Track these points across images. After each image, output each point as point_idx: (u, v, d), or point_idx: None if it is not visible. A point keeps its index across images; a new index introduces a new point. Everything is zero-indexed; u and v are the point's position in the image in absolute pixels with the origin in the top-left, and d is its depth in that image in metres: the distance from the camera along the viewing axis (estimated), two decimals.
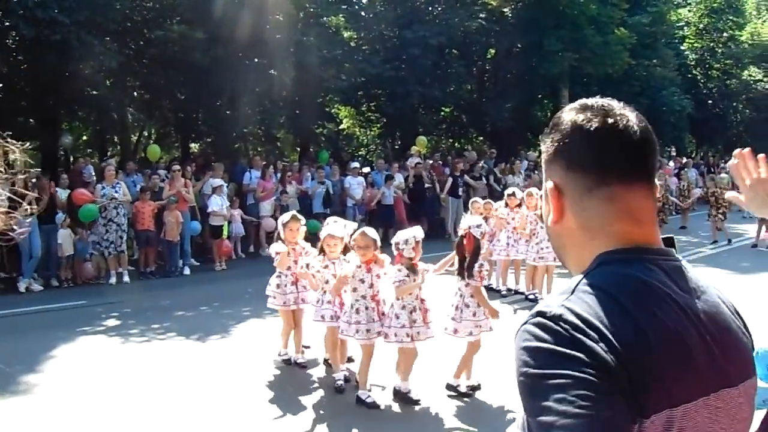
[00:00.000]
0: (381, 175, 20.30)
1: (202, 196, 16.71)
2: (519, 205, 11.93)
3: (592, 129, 1.44)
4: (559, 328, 1.28)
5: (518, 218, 11.76)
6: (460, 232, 7.22)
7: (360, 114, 29.16)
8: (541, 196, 11.22)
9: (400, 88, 23.53)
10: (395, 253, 6.79)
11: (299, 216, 8.09)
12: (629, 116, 1.46)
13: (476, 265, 6.98)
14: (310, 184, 19.08)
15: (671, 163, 28.65)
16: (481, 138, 31.41)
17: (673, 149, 34.60)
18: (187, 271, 15.46)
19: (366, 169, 22.42)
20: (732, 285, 11.09)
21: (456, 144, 31.39)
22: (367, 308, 6.86)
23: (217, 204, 15.94)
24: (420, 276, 6.81)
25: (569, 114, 1.50)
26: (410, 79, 23.64)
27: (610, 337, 1.26)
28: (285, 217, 8.12)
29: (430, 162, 22.03)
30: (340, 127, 30.35)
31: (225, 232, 16.31)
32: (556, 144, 1.51)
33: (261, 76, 20.46)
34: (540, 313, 1.32)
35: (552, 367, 1.24)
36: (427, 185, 20.49)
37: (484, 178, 21.55)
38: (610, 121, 1.44)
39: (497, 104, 26.38)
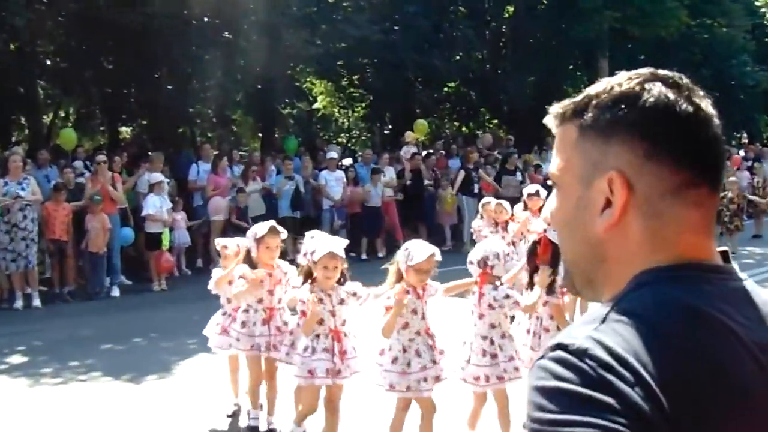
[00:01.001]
0: (367, 168, 20.33)
1: (136, 195, 16.76)
2: (542, 208, 11.91)
3: (690, 113, 1.44)
4: (584, 366, 1.26)
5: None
6: (532, 237, 7.25)
7: (339, 90, 29.25)
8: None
9: (392, 57, 23.58)
10: (477, 271, 6.75)
11: (280, 228, 7.48)
12: (707, 101, 1.49)
13: (558, 278, 7.04)
14: (274, 179, 19.12)
15: (741, 153, 28.79)
16: (496, 121, 31.54)
17: (745, 135, 34.63)
18: (116, 292, 15.44)
19: (347, 161, 22.38)
20: None
21: (463, 129, 31.50)
22: (427, 346, 6.60)
23: (155, 206, 15.91)
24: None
25: (654, 86, 1.46)
26: (404, 45, 23.68)
27: (649, 379, 1.25)
28: (260, 229, 7.39)
29: (432, 152, 22.12)
30: (314, 107, 30.41)
31: (165, 242, 16.28)
32: (629, 120, 1.45)
33: (212, 40, 20.48)
34: (560, 346, 1.31)
35: (573, 412, 1.23)
36: (426, 182, 20.56)
37: (519, 173, 21.61)
38: (702, 105, 1.47)
39: (516, 78, 26.51)
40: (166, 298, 15.16)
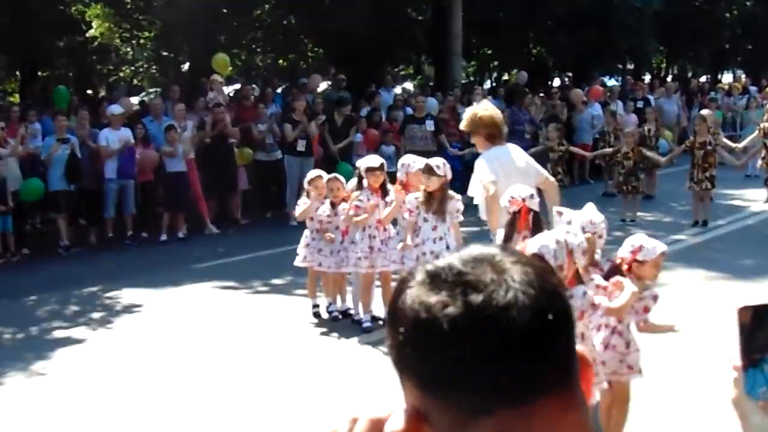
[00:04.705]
0: (159, 124, 19.08)
1: None
2: (383, 186, 11.09)
3: (446, 324, 1.34)
4: None
5: (389, 205, 10.98)
6: (510, 206, 7.68)
7: (121, 16, 28.08)
8: (431, 169, 10.56)
9: None
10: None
11: None
12: (511, 279, 1.37)
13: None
14: (42, 142, 17.81)
15: (608, 83, 28.75)
16: (321, 51, 31.68)
17: (632, 66, 35.46)
18: None
19: (134, 100, 21.41)
20: (728, 293, 11.32)
21: (282, 62, 31.41)
22: None
23: None
24: None
25: (414, 293, 1.40)
26: None
27: None
28: None
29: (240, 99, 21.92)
30: (89, 34, 29.12)
31: None
32: (395, 349, 1.42)
33: None
34: None
35: None
36: (231, 140, 19.77)
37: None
38: (477, 300, 1.35)
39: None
40: None
